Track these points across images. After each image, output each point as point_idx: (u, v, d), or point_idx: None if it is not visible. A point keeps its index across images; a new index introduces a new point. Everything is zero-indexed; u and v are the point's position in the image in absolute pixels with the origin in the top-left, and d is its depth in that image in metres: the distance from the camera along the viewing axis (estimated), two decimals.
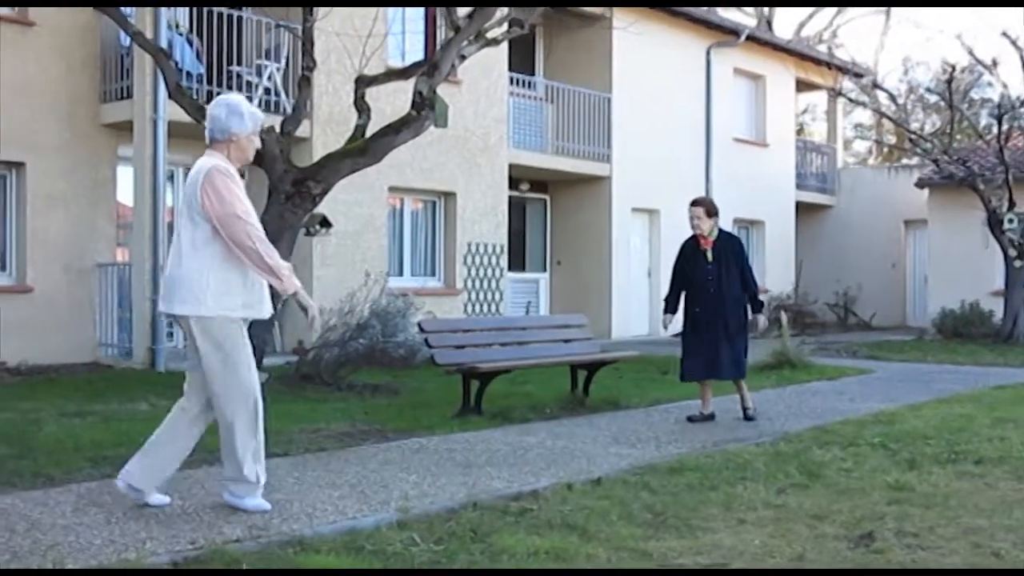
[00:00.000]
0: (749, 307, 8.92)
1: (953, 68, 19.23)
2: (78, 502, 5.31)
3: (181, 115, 11.10)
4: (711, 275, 8.72)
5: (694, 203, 8.94)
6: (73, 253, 12.69)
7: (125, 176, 13.01)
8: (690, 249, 8.94)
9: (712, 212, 8.82)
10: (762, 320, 9.15)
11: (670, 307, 9.07)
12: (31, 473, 5.99)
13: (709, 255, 8.77)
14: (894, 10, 36.09)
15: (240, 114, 5.25)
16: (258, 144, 5.42)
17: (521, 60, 18.31)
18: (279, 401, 9.29)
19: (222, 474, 5.30)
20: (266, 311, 5.32)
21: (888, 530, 4.95)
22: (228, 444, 5.17)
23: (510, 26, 11.62)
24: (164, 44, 11.93)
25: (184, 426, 5.28)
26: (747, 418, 8.81)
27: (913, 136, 21.57)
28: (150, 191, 12.47)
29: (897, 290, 24.31)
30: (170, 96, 10.85)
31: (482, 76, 16.27)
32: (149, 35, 11.54)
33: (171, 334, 13.22)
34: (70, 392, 9.90)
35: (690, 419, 8.74)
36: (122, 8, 11.29)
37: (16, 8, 12.39)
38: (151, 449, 5.24)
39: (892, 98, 24.68)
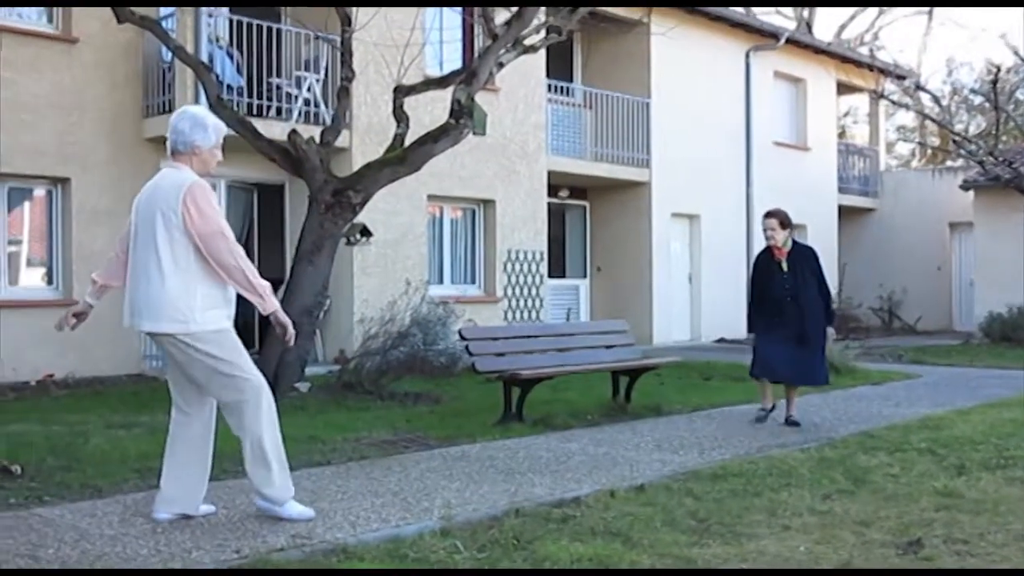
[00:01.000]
0: None
1: (998, 68, 19.00)
2: (125, 513, 5.36)
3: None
4: (787, 285, 8.77)
5: (768, 215, 9.03)
6: None
7: None
8: (765, 261, 9.00)
9: (786, 224, 8.92)
10: (831, 329, 9.05)
11: (757, 327, 8.94)
12: (79, 484, 6.06)
13: (784, 265, 8.84)
14: (937, 10, 35.72)
15: (204, 127, 5.20)
16: (219, 157, 5.33)
17: (559, 67, 18.31)
18: (322, 410, 9.35)
19: (252, 485, 5.23)
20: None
21: (937, 536, 4.89)
22: (256, 450, 5.11)
23: (548, 33, 11.63)
24: (205, 58, 12.07)
25: (196, 437, 5.24)
26: (790, 423, 8.79)
27: (957, 138, 21.31)
28: None
29: (943, 294, 24.00)
30: (211, 109, 10.95)
31: (520, 83, 16.29)
32: (190, 49, 11.68)
33: None
34: (116, 404, 10.01)
35: (758, 419, 8.86)
36: (163, 22, 11.45)
37: (60, 26, 12.57)
38: (180, 472, 5.19)
39: (936, 100, 24.43)
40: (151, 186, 5.20)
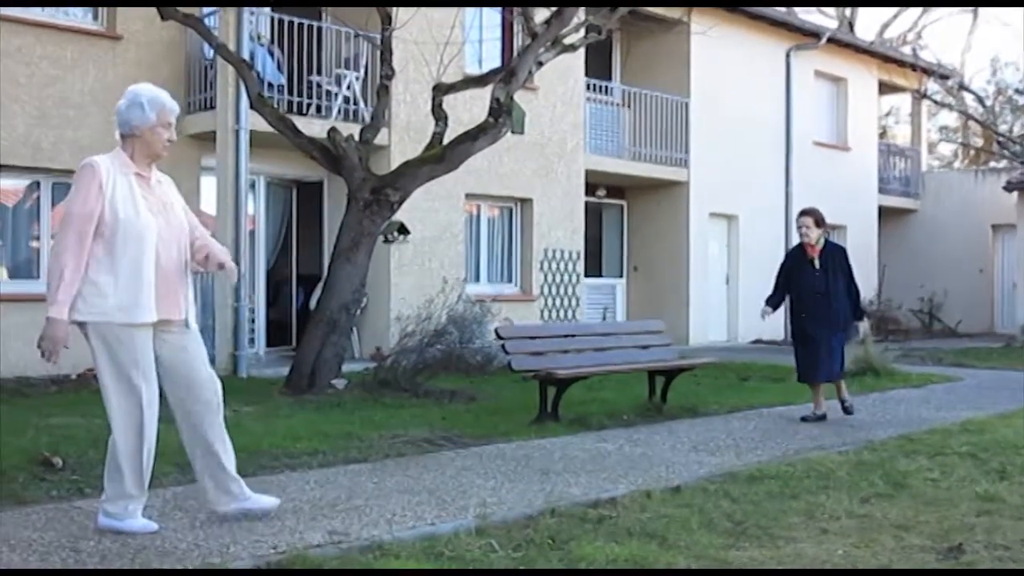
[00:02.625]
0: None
1: None
2: (164, 507, 5.41)
3: (263, 125, 11.30)
4: (818, 282, 9.05)
5: (803, 213, 9.30)
6: None
7: (208, 186, 13.26)
8: (797, 257, 9.30)
9: (820, 222, 9.21)
10: (863, 326, 9.49)
11: (772, 302, 9.33)
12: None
13: (816, 263, 9.11)
14: (982, 9, 35.25)
15: (140, 104, 4.87)
16: (168, 136, 4.95)
17: (598, 65, 18.27)
18: (358, 407, 9.39)
19: (103, 492, 4.96)
20: (145, 315, 4.83)
21: (978, 542, 4.82)
22: (111, 465, 4.93)
23: (587, 32, 11.62)
24: (246, 55, 12.16)
25: (203, 427, 5.11)
26: (845, 411, 9.16)
27: (1001, 138, 21.06)
28: (232, 200, 12.69)
29: (984, 296, 23.71)
30: (252, 106, 11.06)
31: (559, 82, 16.27)
32: (232, 47, 11.77)
33: (252, 340, 13.44)
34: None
35: (803, 419, 9.03)
36: (205, 20, 11.54)
37: (105, 23, 12.72)
38: (215, 470, 5.10)
39: (979, 100, 24.15)
40: None
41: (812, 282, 9.05)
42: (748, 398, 10.45)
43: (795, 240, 16.49)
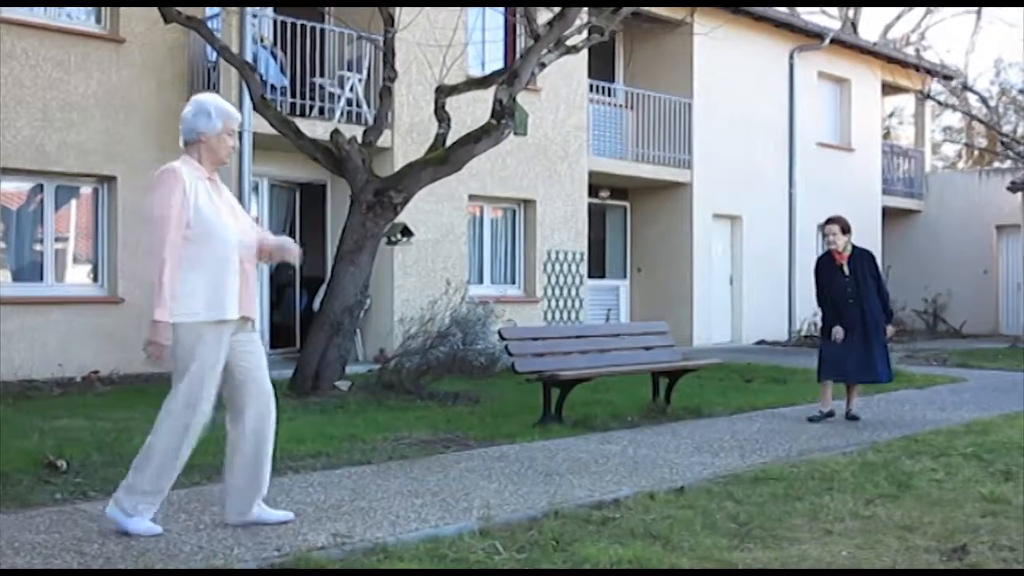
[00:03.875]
0: None
1: None
2: (168, 509, 5.40)
3: (266, 127, 11.31)
4: (849, 287, 9.22)
5: (830, 221, 9.50)
6: None
7: None
8: (827, 265, 9.45)
9: (847, 229, 9.42)
10: (890, 328, 9.53)
11: (830, 322, 9.29)
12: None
13: (845, 269, 9.31)
14: (985, 9, 35.23)
15: (207, 113, 5.00)
16: (232, 143, 5.11)
17: (601, 67, 18.27)
18: (362, 409, 9.39)
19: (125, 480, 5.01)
20: (230, 312, 4.98)
21: (982, 543, 4.82)
22: (143, 458, 4.97)
23: (590, 33, 11.61)
24: (249, 58, 12.17)
25: (254, 432, 5.13)
26: (850, 417, 9.19)
27: (1005, 139, 21.04)
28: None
29: (989, 297, 23.68)
30: (255, 108, 11.06)
31: (562, 84, 16.27)
32: (235, 49, 11.79)
33: None
34: (159, 401, 9.96)
35: (810, 419, 9.08)
36: (208, 22, 11.56)
37: (108, 26, 12.73)
38: (248, 480, 5.10)
39: (983, 100, 24.12)
40: None
41: (843, 288, 9.21)
42: (752, 399, 10.44)
43: (799, 240, 16.37)
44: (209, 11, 12.92)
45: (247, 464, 5.08)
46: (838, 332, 9.10)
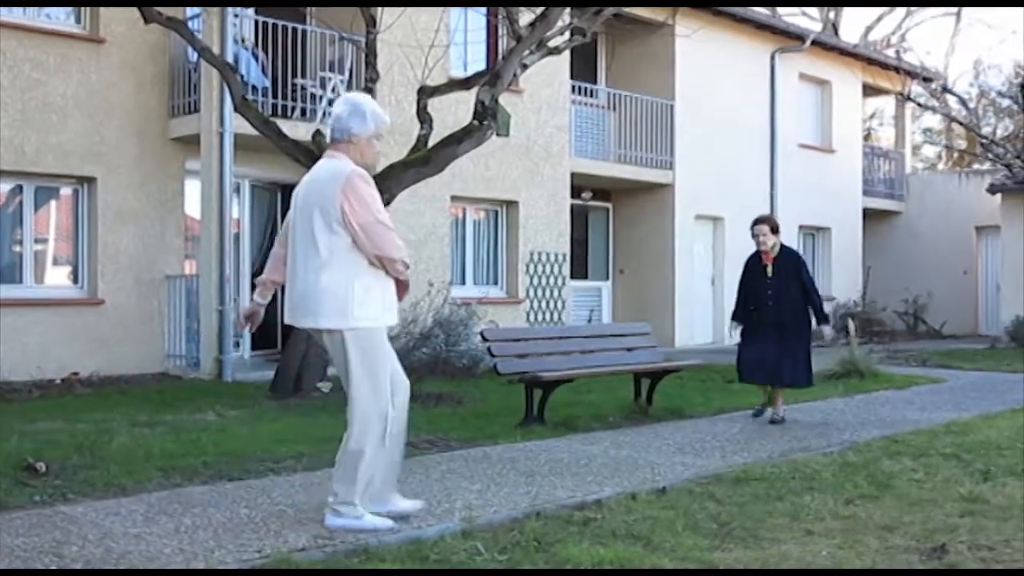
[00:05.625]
0: (814, 319, 9.26)
1: None
2: (148, 511, 5.39)
3: (247, 128, 11.27)
4: (770, 288, 9.09)
5: (758, 221, 9.33)
6: (142, 265, 12.92)
7: (192, 189, 13.22)
8: (753, 265, 9.32)
9: (776, 229, 9.26)
10: (828, 330, 9.48)
11: (738, 317, 9.43)
12: (103, 483, 6.09)
13: (769, 270, 9.15)
14: (965, 11, 35.44)
15: (362, 114, 5.05)
16: (378, 148, 5.19)
17: (583, 68, 18.30)
18: (344, 411, 9.34)
19: (332, 491, 5.05)
20: (396, 316, 5.20)
21: (961, 543, 4.84)
22: (351, 462, 4.98)
23: (572, 35, 11.62)
24: (230, 58, 12.12)
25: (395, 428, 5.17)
26: (772, 421, 9.07)
27: (985, 141, 21.16)
28: (217, 203, 12.65)
29: (969, 298, 23.82)
30: (236, 109, 11.02)
31: (544, 85, 16.28)
32: (216, 50, 11.74)
33: (237, 344, 13.39)
34: (140, 403, 10.07)
35: (772, 421, 9.05)
36: (189, 23, 11.51)
37: (87, 27, 12.67)
38: (388, 472, 5.18)
39: (963, 102, 24.19)
40: (307, 178, 5.11)
41: (764, 289, 9.10)
42: (734, 400, 10.46)
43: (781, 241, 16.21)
44: (190, 12, 12.87)
45: (393, 448, 5.15)
46: (734, 326, 9.32)
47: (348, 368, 5.01)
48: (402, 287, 5.16)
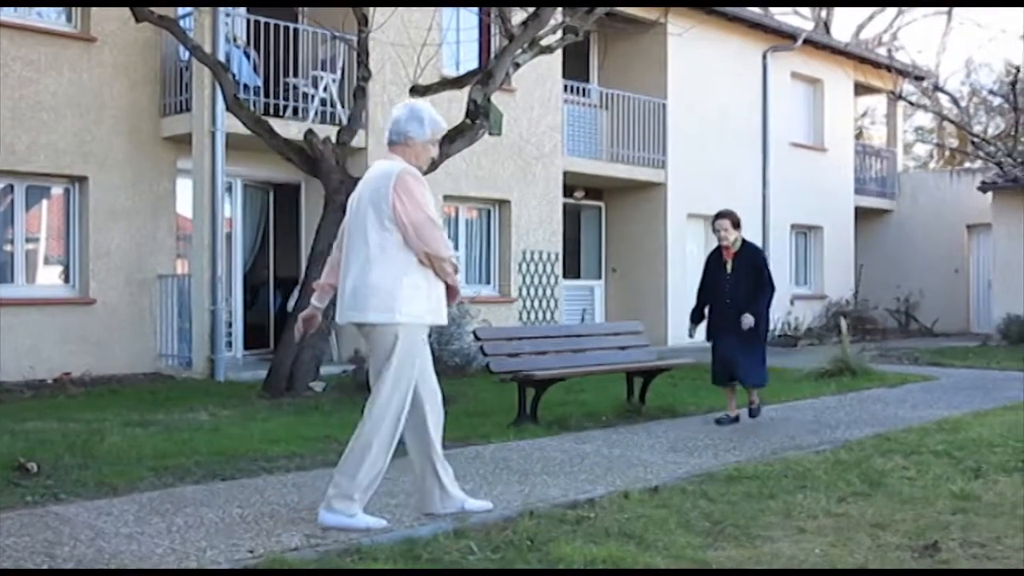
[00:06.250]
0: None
1: (1018, 69, 18.89)
2: (140, 511, 5.38)
3: (239, 127, 11.25)
4: (728, 285, 8.88)
5: (720, 216, 9.03)
6: (134, 265, 12.89)
7: (184, 188, 13.20)
8: (714, 261, 9.11)
9: (737, 224, 8.97)
10: (746, 320, 8.74)
11: (694, 318, 9.25)
12: (95, 482, 6.08)
13: (729, 266, 8.94)
14: (956, 10, 35.51)
15: (420, 119, 5.24)
16: (434, 153, 5.35)
17: (575, 67, 18.29)
18: (336, 409, 9.36)
19: (333, 482, 5.08)
20: (444, 317, 5.28)
21: (953, 540, 4.86)
22: (358, 455, 5.00)
23: (564, 33, 11.62)
24: (222, 57, 12.10)
25: (418, 435, 5.26)
26: (751, 415, 9.02)
27: (976, 139, 21.20)
28: (209, 203, 12.63)
29: (960, 296, 23.87)
30: (228, 108, 11.00)
31: (536, 84, 16.28)
32: (208, 49, 11.71)
33: (229, 344, 13.38)
34: (132, 402, 10.05)
35: (718, 421, 8.88)
36: (180, 22, 11.48)
37: (79, 25, 12.64)
38: (438, 473, 5.29)
39: (954, 101, 24.30)
40: (363, 179, 5.25)
41: (722, 286, 8.90)
42: (725, 399, 10.45)
43: (773, 240, 16.35)
44: (181, 10, 12.84)
45: (432, 456, 5.26)
46: (691, 328, 9.19)
47: (382, 363, 5.05)
48: (452, 292, 5.21)
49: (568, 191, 17.71)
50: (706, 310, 9.14)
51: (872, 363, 13.52)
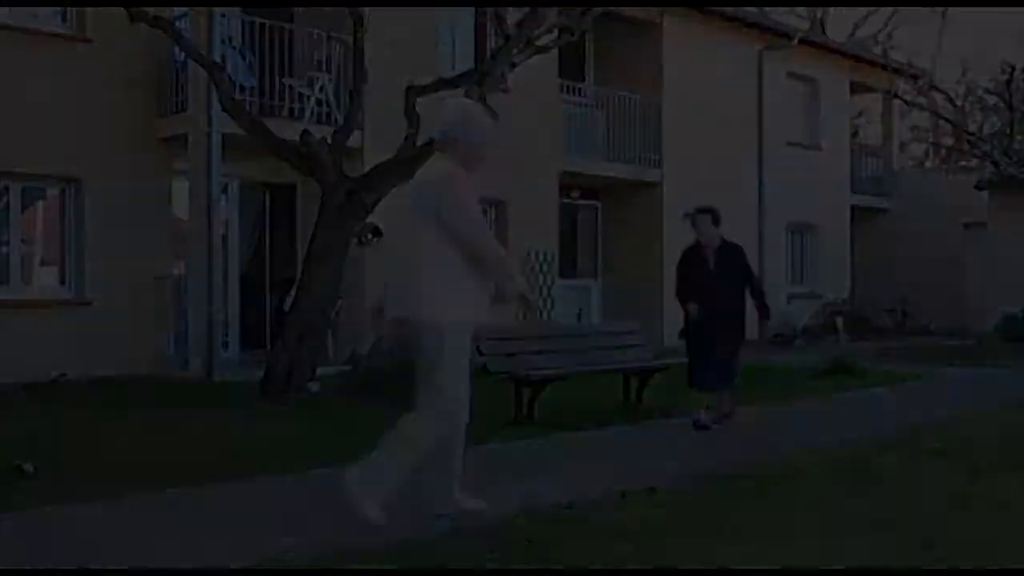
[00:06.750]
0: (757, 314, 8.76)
1: (1012, 68, 18.91)
2: (137, 512, 5.37)
3: (235, 128, 11.24)
4: (712, 282, 8.65)
5: (700, 211, 8.89)
6: (130, 266, 12.87)
7: (181, 189, 13.19)
8: (693, 256, 8.90)
9: (717, 220, 8.81)
10: (768, 324, 8.84)
11: (684, 296, 8.83)
12: (92, 483, 6.07)
13: (711, 263, 8.75)
14: (951, 10, 35.53)
15: (470, 120, 5.32)
16: (483, 155, 5.36)
17: (571, 67, 18.27)
18: (332, 410, 9.35)
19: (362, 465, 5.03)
20: (486, 316, 5.27)
21: (949, 539, 4.86)
22: (398, 445, 4.99)
23: (560, 33, 11.63)
24: (218, 58, 12.09)
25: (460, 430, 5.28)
26: (718, 421, 8.58)
27: (972, 138, 21.24)
28: (205, 203, 12.62)
29: (956, 294, 23.87)
30: (224, 109, 10.99)
31: (532, 84, 16.25)
32: (203, 50, 11.70)
33: (226, 344, 13.36)
34: (129, 403, 10.03)
35: (715, 423, 8.56)
36: (176, 23, 11.47)
37: (74, 26, 12.62)
38: (452, 473, 5.28)
39: (949, 99, 24.30)
40: (413, 181, 5.31)
41: (706, 283, 8.63)
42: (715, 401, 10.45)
43: (769, 239, 16.24)
44: (177, 11, 12.83)
45: (451, 456, 5.24)
46: (693, 309, 8.60)
47: (431, 361, 5.05)
48: (508, 295, 5.17)
49: (564, 191, 17.70)
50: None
51: (868, 362, 13.52)
